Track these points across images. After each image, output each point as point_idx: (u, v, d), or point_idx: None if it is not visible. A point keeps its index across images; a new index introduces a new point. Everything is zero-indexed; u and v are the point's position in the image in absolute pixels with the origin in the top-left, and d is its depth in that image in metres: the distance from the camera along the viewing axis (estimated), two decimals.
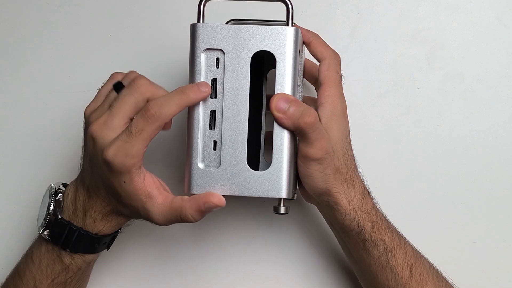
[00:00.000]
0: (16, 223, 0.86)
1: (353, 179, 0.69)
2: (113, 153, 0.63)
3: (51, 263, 0.70)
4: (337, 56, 0.71)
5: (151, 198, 0.65)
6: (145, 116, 0.62)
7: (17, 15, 0.87)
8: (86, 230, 0.68)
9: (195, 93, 0.64)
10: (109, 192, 0.66)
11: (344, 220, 0.69)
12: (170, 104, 0.63)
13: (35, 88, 0.86)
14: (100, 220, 0.68)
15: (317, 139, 0.65)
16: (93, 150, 0.65)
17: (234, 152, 0.65)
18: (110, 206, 0.67)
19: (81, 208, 0.68)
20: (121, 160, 0.62)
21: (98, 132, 0.64)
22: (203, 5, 0.65)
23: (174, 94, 0.64)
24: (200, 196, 0.64)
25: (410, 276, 0.70)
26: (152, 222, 0.66)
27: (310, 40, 0.70)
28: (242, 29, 0.64)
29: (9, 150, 0.87)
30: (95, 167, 0.66)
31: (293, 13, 0.64)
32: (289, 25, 0.64)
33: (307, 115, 0.64)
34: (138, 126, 0.62)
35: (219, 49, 0.64)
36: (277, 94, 0.64)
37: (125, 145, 0.62)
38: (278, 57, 0.64)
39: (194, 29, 0.65)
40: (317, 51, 0.70)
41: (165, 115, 0.62)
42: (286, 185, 0.65)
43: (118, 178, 0.64)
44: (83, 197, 0.68)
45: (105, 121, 0.64)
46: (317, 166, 0.66)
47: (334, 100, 0.68)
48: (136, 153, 0.63)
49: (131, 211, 0.67)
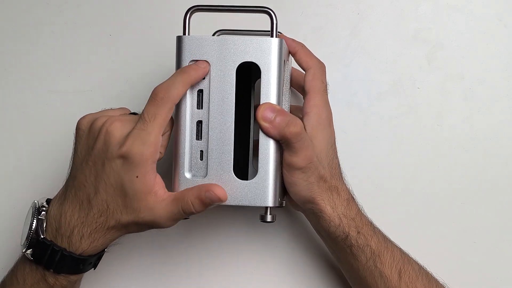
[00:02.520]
0: (16, 223, 0.86)
1: (337, 186, 0.71)
2: (131, 143, 0.63)
3: (35, 282, 0.68)
4: (322, 65, 0.72)
5: (156, 196, 0.65)
6: (156, 101, 0.63)
7: (17, 15, 0.87)
8: (70, 250, 0.66)
9: (195, 71, 0.65)
10: (113, 194, 0.65)
11: (329, 227, 0.71)
12: (176, 84, 0.64)
13: (35, 88, 0.86)
14: (87, 237, 0.66)
15: (302, 149, 0.66)
16: (103, 148, 0.64)
17: (220, 161, 0.66)
18: (103, 217, 0.65)
19: (67, 225, 0.66)
20: (139, 149, 0.62)
21: (117, 128, 0.64)
22: (189, 18, 0.66)
23: (177, 75, 0.65)
24: (203, 185, 0.65)
25: (399, 279, 0.71)
26: (155, 223, 0.66)
27: (295, 50, 0.71)
28: (227, 40, 0.65)
29: (9, 150, 0.87)
30: (100, 169, 0.65)
31: (277, 24, 0.65)
32: (273, 36, 0.65)
33: (293, 125, 0.65)
34: (150, 112, 0.63)
35: (205, 61, 0.65)
36: (264, 104, 0.65)
37: (142, 133, 0.63)
38: (262, 67, 0.65)
39: (179, 41, 0.66)
40: (302, 60, 0.71)
41: (174, 95, 0.64)
42: (272, 194, 0.66)
43: (131, 173, 0.63)
44: (71, 211, 0.66)
45: (126, 122, 0.65)
46: (301, 174, 0.67)
47: (319, 109, 0.70)
48: (153, 140, 0.63)
49: (131, 216, 0.65)
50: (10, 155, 0.87)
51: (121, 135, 0.64)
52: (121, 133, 0.64)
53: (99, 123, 0.66)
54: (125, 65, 0.85)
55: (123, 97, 0.85)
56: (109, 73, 0.86)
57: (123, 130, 0.64)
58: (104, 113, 0.68)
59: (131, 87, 0.85)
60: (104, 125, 0.65)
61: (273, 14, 0.65)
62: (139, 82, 0.85)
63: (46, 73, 0.86)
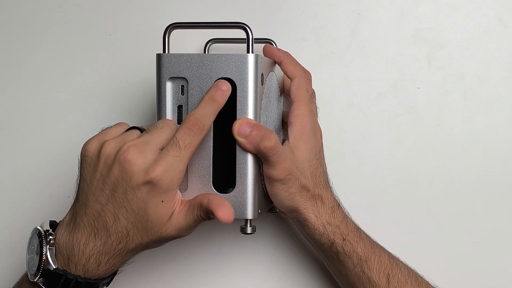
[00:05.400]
0: (16, 223, 0.86)
1: (321, 195, 0.71)
2: (162, 170, 0.61)
3: None
4: (307, 74, 0.73)
5: (176, 211, 0.64)
6: (192, 131, 0.63)
7: (17, 15, 0.87)
8: (85, 277, 0.64)
9: (222, 97, 0.65)
10: (134, 220, 0.63)
11: (314, 235, 0.71)
12: (209, 115, 0.64)
13: (35, 88, 0.86)
14: (104, 263, 0.64)
15: (278, 162, 0.67)
16: (123, 176, 0.62)
17: (200, 175, 0.67)
18: (123, 243, 0.64)
19: (81, 254, 0.64)
20: (170, 176, 0.62)
21: (136, 155, 0.62)
22: (168, 35, 0.68)
23: (207, 104, 0.65)
24: (213, 199, 0.64)
25: (388, 284, 0.72)
26: (176, 236, 0.65)
27: (281, 60, 0.72)
28: (205, 57, 0.66)
29: (9, 150, 0.87)
30: (120, 197, 0.63)
31: (253, 39, 0.66)
32: (249, 51, 0.66)
33: (267, 139, 0.65)
34: (186, 140, 0.63)
35: (183, 77, 0.67)
36: (240, 119, 0.66)
37: (175, 160, 0.62)
38: (238, 83, 0.66)
39: (159, 58, 0.67)
40: (287, 70, 0.72)
41: (208, 126, 0.64)
42: (251, 206, 0.67)
43: (157, 198, 0.62)
44: (85, 240, 0.64)
45: (141, 147, 0.63)
46: (281, 186, 0.68)
47: (303, 118, 0.71)
48: (183, 167, 0.63)
49: (153, 237, 0.64)
50: (10, 155, 0.87)
51: (143, 162, 0.62)
52: (143, 160, 0.62)
53: (110, 150, 0.63)
54: (125, 65, 0.85)
55: (122, 97, 0.85)
56: (109, 73, 0.86)
57: (145, 157, 0.62)
58: (107, 135, 0.66)
59: (131, 87, 0.85)
60: (120, 153, 0.62)
61: (248, 30, 0.66)
62: (139, 82, 0.85)
63: (46, 73, 0.86)
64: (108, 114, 0.85)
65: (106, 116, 0.85)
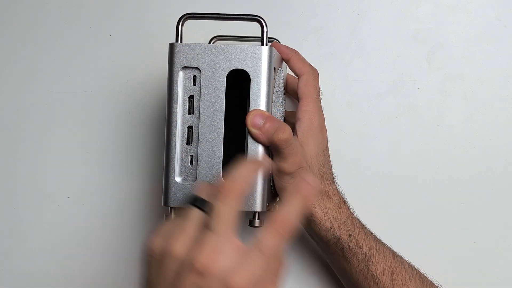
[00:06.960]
0: (16, 223, 0.86)
1: (328, 191, 0.72)
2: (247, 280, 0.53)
3: None
4: (315, 71, 0.74)
5: None
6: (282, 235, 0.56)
7: (17, 15, 0.87)
8: None
9: None
10: None
11: (320, 231, 0.71)
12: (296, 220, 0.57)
13: (35, 88, 0.86)
14: None
15: (290, 155, 0.67)
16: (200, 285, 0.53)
17: (210, 166, 0.67)
18: None
19: None
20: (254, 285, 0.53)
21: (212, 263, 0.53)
22: (181, 25, 0.67)
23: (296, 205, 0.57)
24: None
25: (392, 281, 0.72)
26: None
27: (289, 57, 0.72)
28: (218, 48, 0.66)
29: (9, 150, 0.87)
30: None
31: (267, 32, 0.66)
32: (264, 44, 0.66)
33: (281, 131, 0.65)
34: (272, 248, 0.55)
35: (196, 67, 0.66)
36: (253, 110, 0.66)
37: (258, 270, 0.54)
38: (252, 75, 0.66)
39: (172, 48, 0.67)
40: (295, 67, 0.73)
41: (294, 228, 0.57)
42: (260, 199, 0.66)
43: None
44: None
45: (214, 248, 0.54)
46: (291, 180, 0.68)
47: (311, 115, 0.71)
48: None
49: None
50: (10, 155, 0.87)
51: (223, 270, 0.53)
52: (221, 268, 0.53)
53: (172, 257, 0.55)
54: (125, 65, 0.85)
55: (122, 97, 0.85)
56: (109, 73, 0.86)
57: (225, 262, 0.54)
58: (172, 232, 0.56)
59: (131, 87, 0.85)
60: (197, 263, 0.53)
61: (263, 22, 0.66)
62: (139, 83, 0.85)
63: (46, 73, 0.86)
64: (108, 114, 0.85)
65: (106, 116, 0.85)
